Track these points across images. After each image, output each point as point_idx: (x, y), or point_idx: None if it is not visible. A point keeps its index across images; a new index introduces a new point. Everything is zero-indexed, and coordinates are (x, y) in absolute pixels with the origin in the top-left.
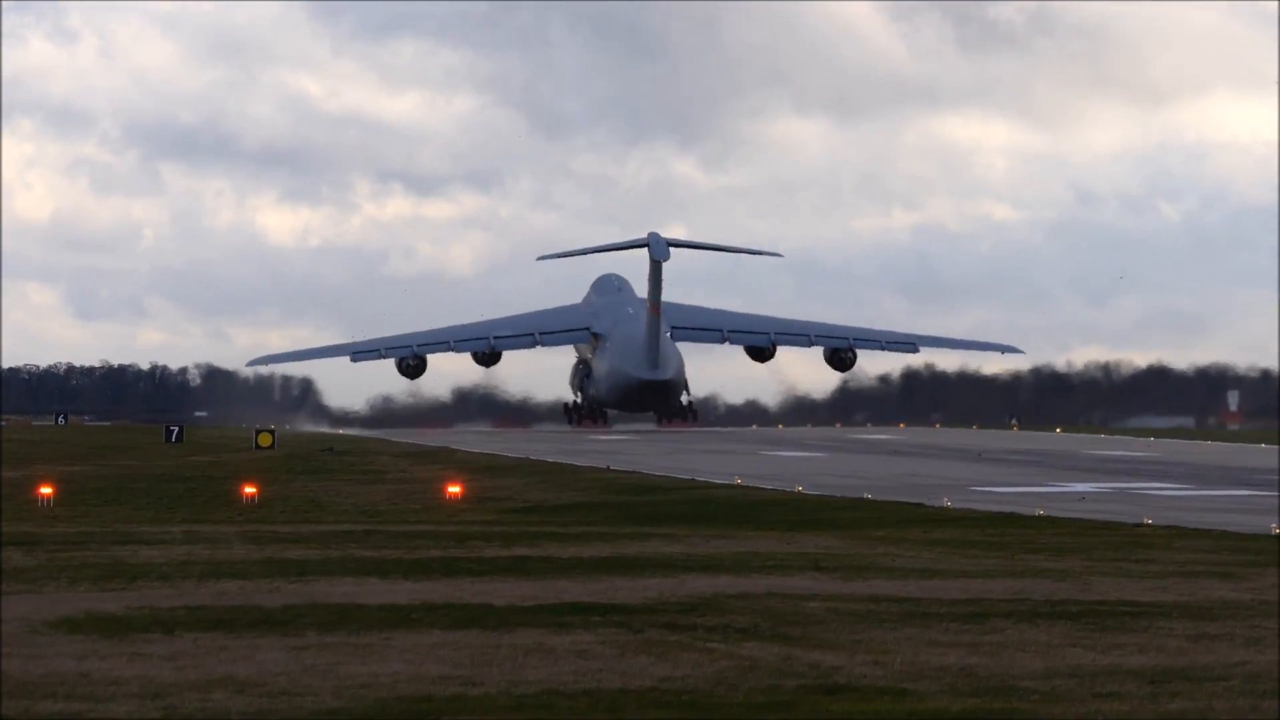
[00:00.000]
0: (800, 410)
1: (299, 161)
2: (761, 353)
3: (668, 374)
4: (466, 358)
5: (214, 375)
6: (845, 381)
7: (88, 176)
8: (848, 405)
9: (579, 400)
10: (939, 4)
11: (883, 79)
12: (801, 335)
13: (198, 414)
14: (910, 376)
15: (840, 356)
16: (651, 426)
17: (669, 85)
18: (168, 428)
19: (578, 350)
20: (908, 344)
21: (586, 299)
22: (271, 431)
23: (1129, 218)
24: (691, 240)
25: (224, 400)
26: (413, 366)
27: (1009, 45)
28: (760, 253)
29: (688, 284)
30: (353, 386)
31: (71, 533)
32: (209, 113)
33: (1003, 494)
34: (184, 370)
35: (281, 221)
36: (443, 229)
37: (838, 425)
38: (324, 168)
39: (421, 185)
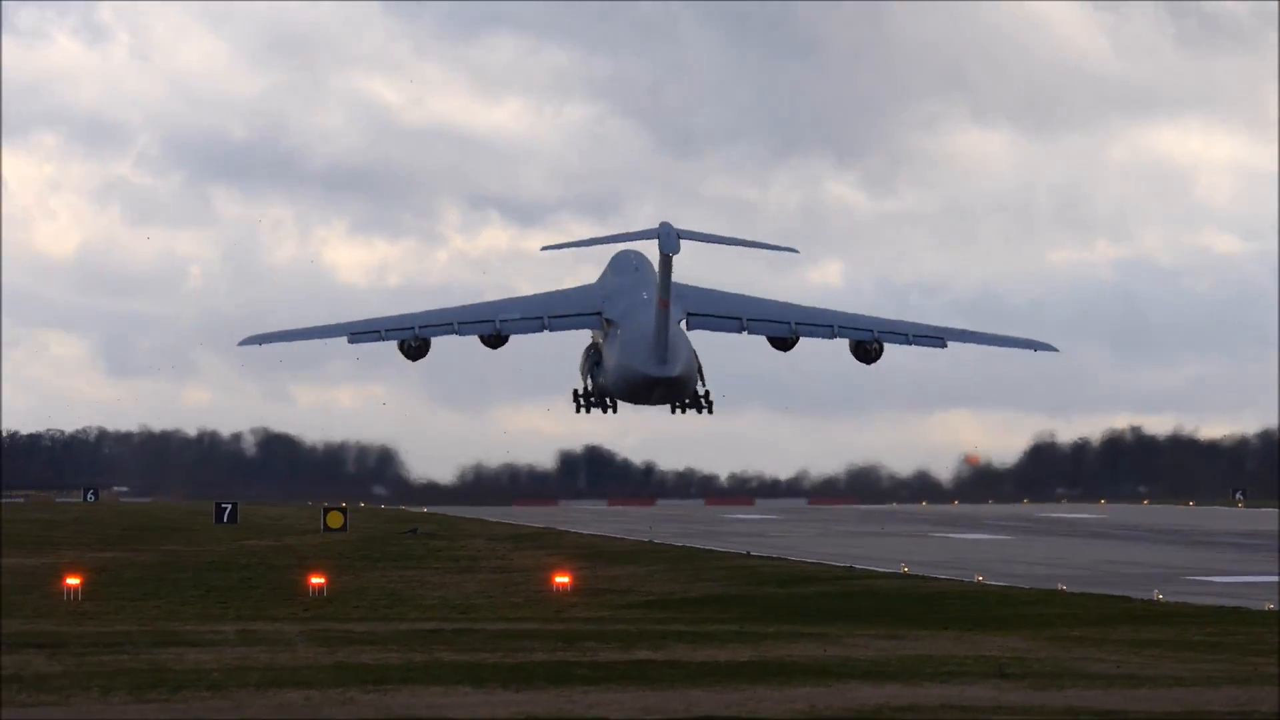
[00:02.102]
0: (980, 483)
1: (374, 185)
2: (784, 343)
3: (675, 370)
4: (473, 340)
5: (273, 442)
6: (1034, 448)
7: (122, 203)
8: (1038, 476)
9: (588, 387)
10: None
11: (1083, 82)
12: (825, 325)
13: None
14: (1113, 443)
15: (865, 348)
16: (801, 503)
17: (822, 90)
18: (219, 505)
19: (591, 333)
20: (935, 338)
21: (602, 278)
22: (343, 509)
23: None
24: (705, 233)
25: (286, 472)
26: (415, 348)
27: (1235, 43)
28: (776, 248)
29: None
30: (440, 453)
31: (104, 632)
32: (266, 126)
33: (1225, 584)
34: (237, 436)
35: (353, 256)
36: (548, 265)
37: (1025, 502)
38: (405, 192)
39: (522, 213)
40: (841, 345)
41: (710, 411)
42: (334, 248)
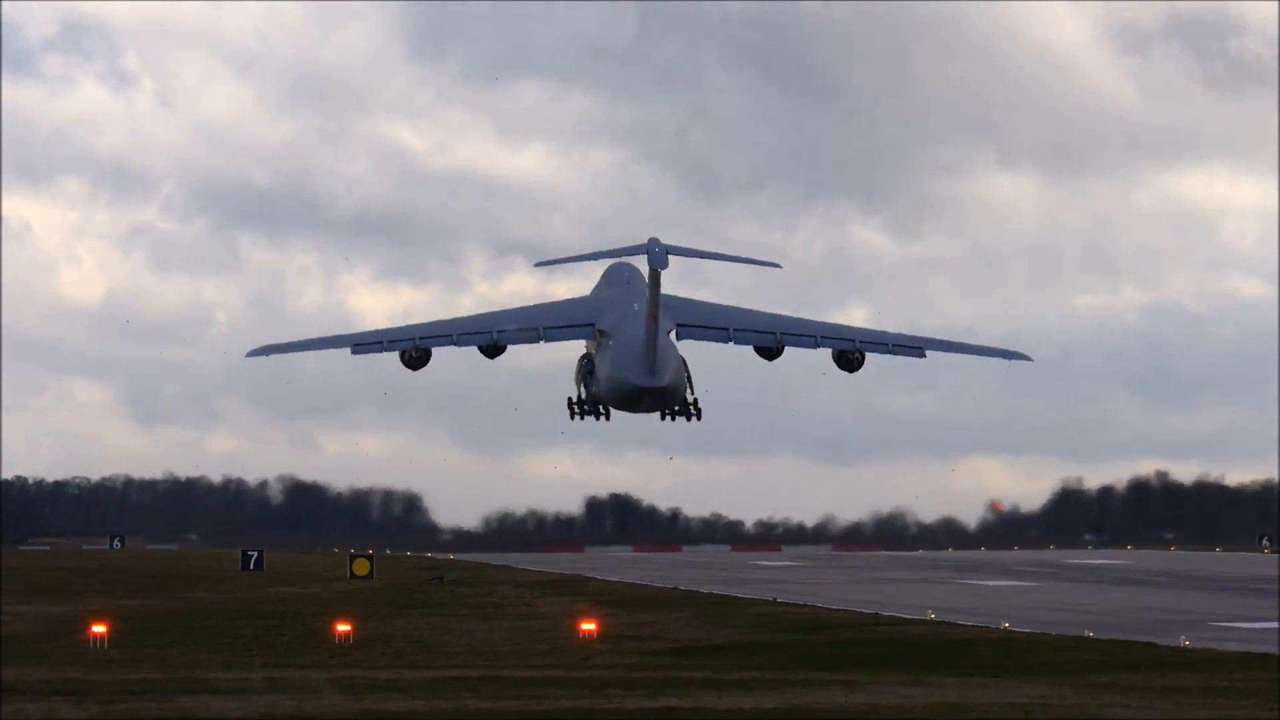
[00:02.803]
0: (1006, 529)
1: (400, 230)
2: (770, 352)
3: (664, 380)
4: (472, 351)
5: (299, 490)
6: (1060, 493)
7: (147, 249)
8: (1064, 522)
9: (582, 395)
10: (1179, 33)
11: (1108, 127)
12: (808, 335)
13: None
14: (1139, 488)
15: (848, 357)
16: (826, 549)
17: (847, 135)
18: (244, 553)
19: (585, 343)
20: (914, 348)
21: (595, 290)
22: (369, 556)
23: None
24: (691, 248)
25: (312, 519)
26: (415, 358)
27: (1263, 86)
28: (759, 262)
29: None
30: (466, 500)
31: (130, 680)
32: (291, 172)
33: (1252, 630)
34: (263, 484)
35: (379, 303)
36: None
37: (1052, 548)
38: (430, 238)
39: (547, 258)
40: (824, 355)
41: (699, 419)
42: (359, 294)
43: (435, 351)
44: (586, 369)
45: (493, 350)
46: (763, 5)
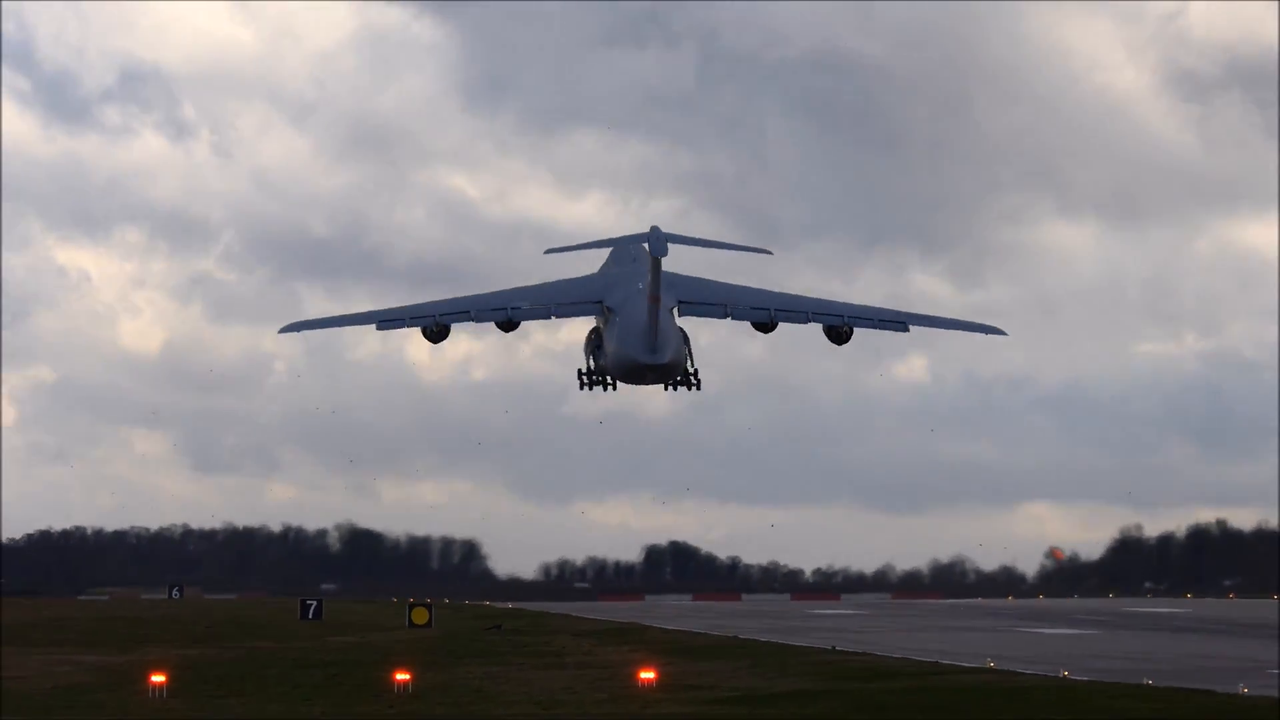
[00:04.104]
0: (1065, 578)
1: (457, 279)
2: (765, 327)
3: (665, 358)
4: (490, 325)
5: (358, 538)
6: (1120, 541)
7: (205, 299)
8: (1123, 570)
9: (590, 367)
10: (1239, 81)
11: (1170, 174)
12: (800, 311)
13: (326, 585)
14: (1198, 536)
15: (837, 331)
16: (885, 598)
17: (907, 182)
18: (304, 602)
19: (594, 318)
20: (898, 322)
21: (603, 268)
22: (428, 605)
23: None
24: (689, 236)
25: (370, 568)
26: (435, 333)
27: None
28: (750, 249)
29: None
30: (523, 549)
31: None
32: (349, 221)
33: None
34: (322, 532)
35: (438, 352)
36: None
37: (1111, 596)
38: (487, 286)
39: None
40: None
41: (699, 389)
42: (417, 343)
43: (454, 327)
44: (595, 343)
45: (508, 325)
46: (822, 53)
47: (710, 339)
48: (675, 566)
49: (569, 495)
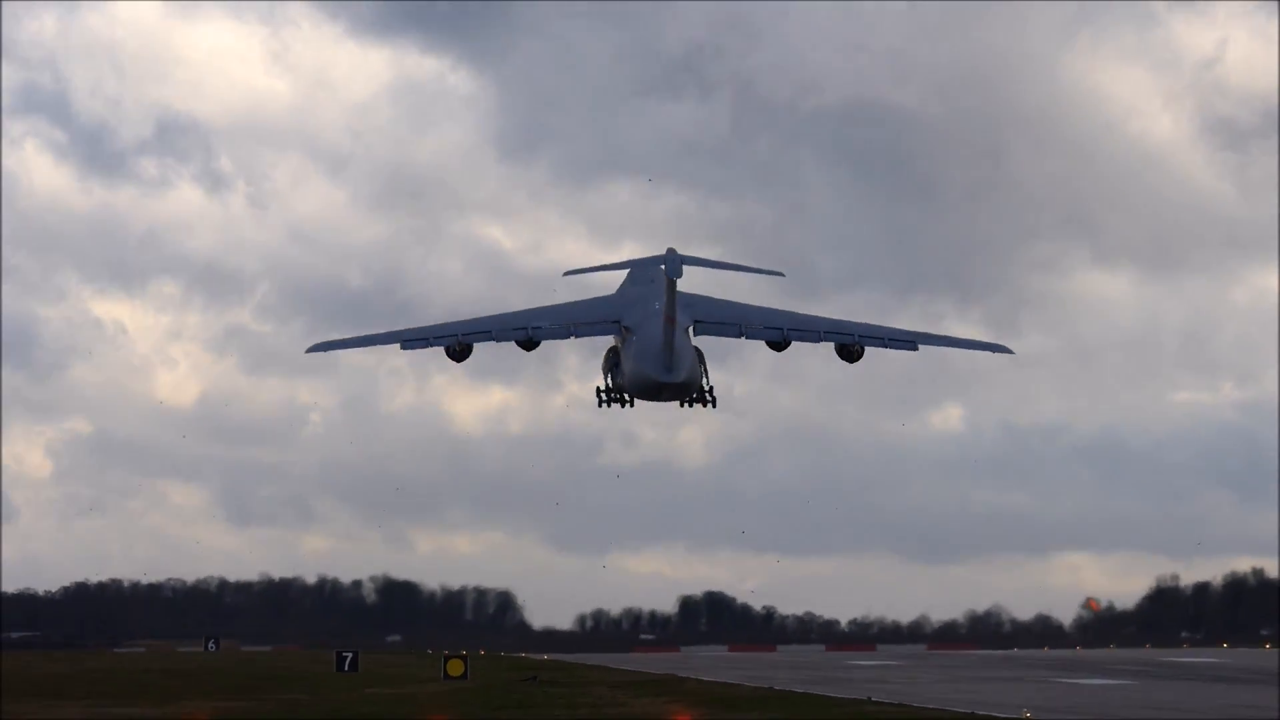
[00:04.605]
0: (1102, 627)
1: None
2: (778, 346)
3: (680, 377)
4: (511, 344)
5: (393, 590)
6: (1156, 591)
7: (241, 351)
8: (1159, 619)
9: (608, 384)
10: (1276, 128)
11: (1207, 222)
12: (812, 331)
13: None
14: (1235, 585)
15: (849, 350)
16: (921, 648)
17: (943, 231)
18: (339, 654)
19: (612, 337)
20: (908, 342)
21: (621, 288)
22: (464, 657)
23: None
24: (703, 258)
25: (406, 620)
26: (458, 352)
27: None
28: (762, 271)
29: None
30: (558, 600)
31: None
32: (383, 272)
33: None
34: (358, 584)
35: (472, 404)
36: (669, 410)
37: (1147, 646)
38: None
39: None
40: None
41: (714, 405)
42: (453, 395)
43: (476, 346)
44: (613, 361)
45: (528, 344)
46: (857, 102)
47: (745, 390)
48: (710, 617)
49: (604, 546)
